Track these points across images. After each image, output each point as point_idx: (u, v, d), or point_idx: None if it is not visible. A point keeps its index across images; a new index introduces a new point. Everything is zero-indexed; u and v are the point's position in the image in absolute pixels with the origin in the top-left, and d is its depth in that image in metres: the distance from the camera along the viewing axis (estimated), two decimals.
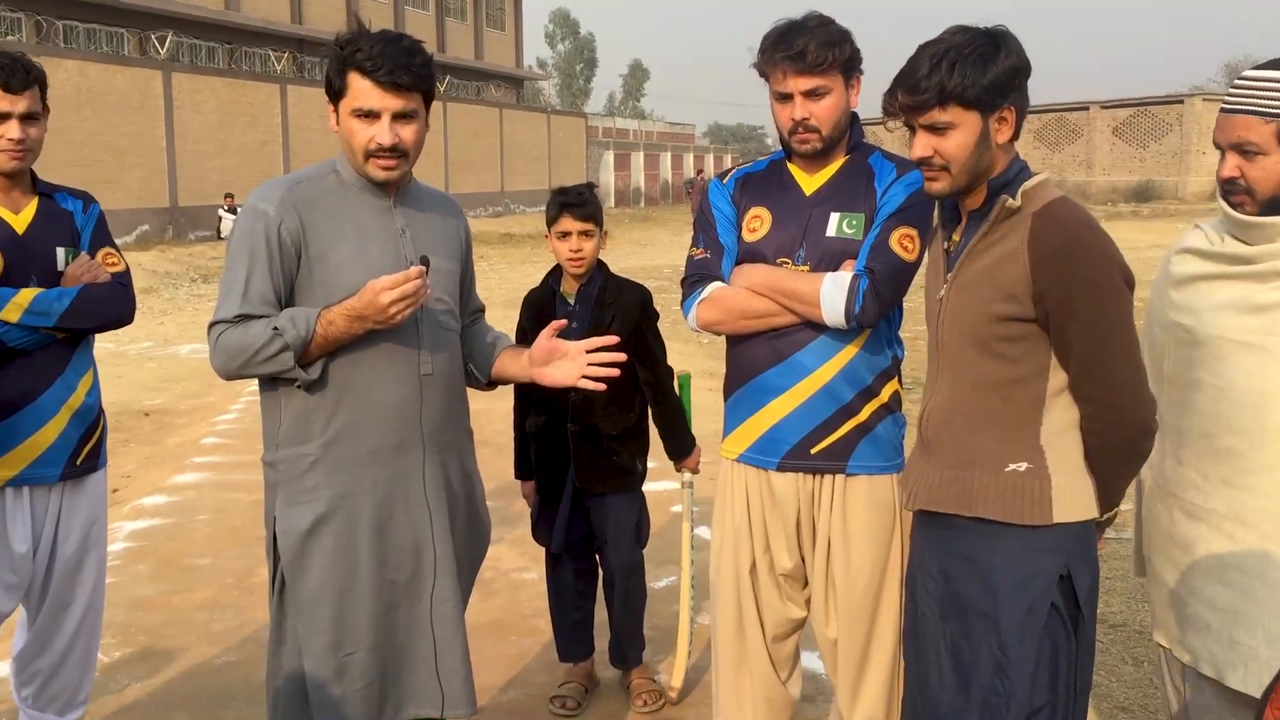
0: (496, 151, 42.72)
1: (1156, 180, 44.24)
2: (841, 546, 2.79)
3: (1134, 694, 3.89)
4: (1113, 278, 2.19)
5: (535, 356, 2.76)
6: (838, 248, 2.72)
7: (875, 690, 2.84)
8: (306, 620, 2.54)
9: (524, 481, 3.99)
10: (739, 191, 2.89)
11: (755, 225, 2.82)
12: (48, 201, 3.18)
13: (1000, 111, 2.21)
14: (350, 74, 2.48)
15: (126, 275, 3.25)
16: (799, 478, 2.80)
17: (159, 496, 6.64)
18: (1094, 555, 2.33)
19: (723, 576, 2.94)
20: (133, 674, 4.21)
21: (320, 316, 2.43)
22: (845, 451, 2.76)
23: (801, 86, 2.67)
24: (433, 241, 2.66)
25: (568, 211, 3.65)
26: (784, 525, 2.84)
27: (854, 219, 2.74)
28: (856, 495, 2.78)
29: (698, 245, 2.89)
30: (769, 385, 2.78)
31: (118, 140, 25.71)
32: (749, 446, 2.84)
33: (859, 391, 2.75)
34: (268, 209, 2.49)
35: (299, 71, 35.27)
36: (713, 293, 2.79)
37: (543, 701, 3.92)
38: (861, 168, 2.80)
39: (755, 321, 2.75)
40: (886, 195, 2.74)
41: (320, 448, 2.53)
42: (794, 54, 2.64)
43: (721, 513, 2.96)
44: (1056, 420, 2.26)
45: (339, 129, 2.54)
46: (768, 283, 2.72)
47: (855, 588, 2.80)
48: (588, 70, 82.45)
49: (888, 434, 2.81)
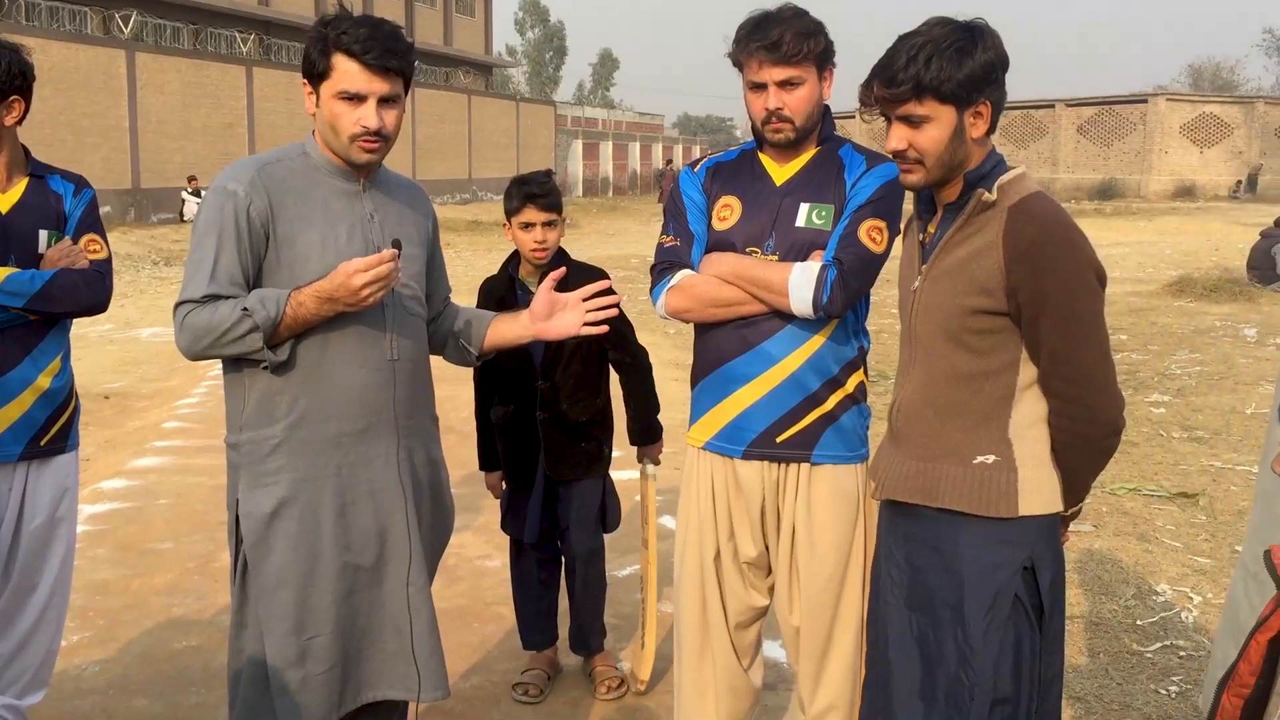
0: (464, 138, 42.52)
1: (1119, 178, 44.67)
2: (806, 535, 2.82)
3: (1089, 685, 3.94)
4: (1085, 274, 2.20)
5: (537, 311, 2.76)
6: (807, 238, 2.74)
7: (837, 678, 2.86)
8: (268, 604, 2.53)
9: (488, 473, 3.99)
10: (710, 180, 2.90)
11: (725, 214, 2.83)
12: (38, 183, 3.17)
13: (976, 106, 2.22)
14: (336, 56, 2.45)
15: (107, 264, 3.24)
16: (764, 466, 2.82)
17: (119, 480, 6.57)
18: (1059, 548, 2.36)
19: (687, 564, 2.96)
20: (91, 658, 4.17)
21: (290, 298, 2.42)
22: (810, 441, 2.78)
23: (776, 77, 2.69)
24: (401, 227, 2.65)
25: (532, 203, 3.64)
26: (748, 513, 2.86)
27: (824, 210, 2.75)
28: (821, 484, 2.80)
29: (667, 233, 2.90)
30: (736, 374, 2.79)
31: (79, 120, 25.36)
32: (715, 434, 2.86)
33: (825, 381, 2.77)
34: (237, 189, 2.47)
35: (265, 54, 34.93)
36: (681, 280, 2.80)
37: (505, 689, 3.92)
38: (832, 159, 2.81)
39: (723, 310, 2.76)
40: (856, 187, 2.75)
41: (284, 430, 2.52)
42: (769, 44, 2.65)
43: (686, 500, 2.97)
44: (1025, 414, 2.28)
45: (318, 111, 2.52)
46: (736, 271, 2.73)
47: (819, 577, 2.82)
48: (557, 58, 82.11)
49: (853, 424, 2.83)
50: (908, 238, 2.50)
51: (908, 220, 2.53)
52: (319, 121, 2.54)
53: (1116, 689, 3.92)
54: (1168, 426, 7.73)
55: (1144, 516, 5.80)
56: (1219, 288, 14.55)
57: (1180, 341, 11.29)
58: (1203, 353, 10.61)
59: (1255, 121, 45.17)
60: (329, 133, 2.53)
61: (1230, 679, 1.84)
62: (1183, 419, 7.95)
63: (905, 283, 2.43)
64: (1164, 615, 4.54)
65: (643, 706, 3.83)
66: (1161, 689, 3.91)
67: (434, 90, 40.62)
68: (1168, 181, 44.16)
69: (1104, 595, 4.75)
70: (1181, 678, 3.99)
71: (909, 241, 2.48)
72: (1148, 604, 4.66)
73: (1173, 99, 45.55)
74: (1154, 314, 13.20)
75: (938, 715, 2.29)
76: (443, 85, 43.21)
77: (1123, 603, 4.67)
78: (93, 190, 3.31)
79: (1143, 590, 4.80)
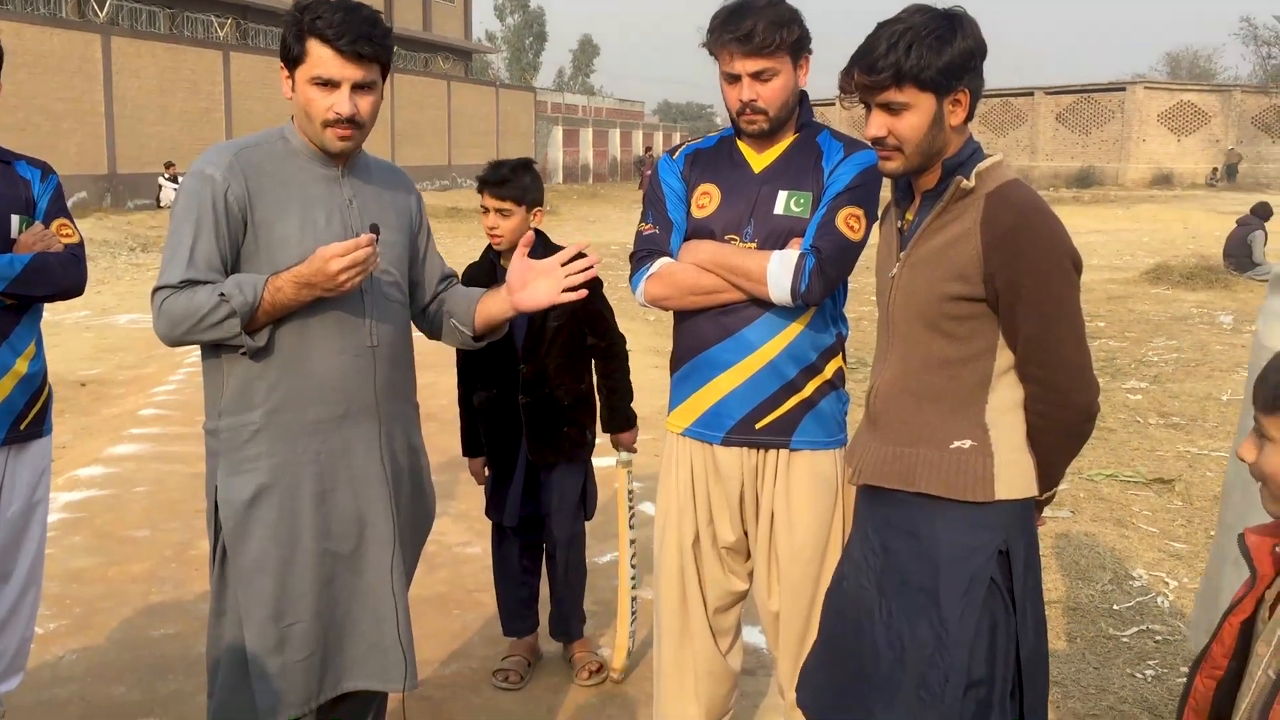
0: (444, 124, 42.33)
1: (1097, 166, 44.90)
2: (785, 520, 2.83)
3: (1066, 669, 3.97)
4: (1061, 261, 2.22)
5: (512, 284, 2.69)
6: (785, 225, 2.74)
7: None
8: (247, 590, 2.52)
9: (471, 459, 3.98)
10: (689, 167, 2.90)
11: (704, 201, 2.83)
12: (5, 169, 3.17)
13: (955, 94, 2.22)
14: (310, 41, 2.44)
15: (80, 248, 3.25)
16: (743, 452, 2.83)
17: (95, 468, 6.53)
18: (1033, 533, 2.38)
19: (666, 549, 2.97)
20: (68, 646, 4.15)
21: (268, 283, 2.40)
22: (789, 427, 2.79)
23: (749, 68, 2.68)
24: (381, 213, 2.63)
25: (485, 189, 3.68)
26: (727, 499, 2.87)
27: (802, 197, 2.75)
28: (800, 470, 2.82)
29: (647, 220, 2.90)
30: (715, 360, 2.80)
31: (54, 105, 25.12)
32: (694, 420, 2.86)
33: (804, 368, 2.78)
34: (214, 174, 2.45)
35: (242, 39, 34.64)
36: (661, 268, 2.80)
37: (485, 675, 3.92)
38: (810, 146, 2.81)
39: (703, 298, 2.77)
40: (834, 174, 2.75)
41: (263, 416, 2.50)
42: (742, 35, 2.64)
43: (665, 486, 2.98)
44: (1001, 399, 2.29)
45: (294, 96, 2.50)
46: (715, 259, 2.73)
47: (798, 561, 2.83)
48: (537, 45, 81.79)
49: (831, 410, 2.85)
50: (886, 224, 2.51)
51: (886, 207, 2.53)
52: (294, 107, 2.52)
53: (1093, 673, 3.95)
54: (1144, 413, 7.78)
55: (1121, 502, 5.85)
56: (1195, 275, 14.66)
57: (1157, 328, 11.37)
58: (1179, 340, 10.68)
59: (1232, 110, 45.45)
60: (304, 118, 2.51)
61: (1203, 661, 1.85)
62: (1159, 405, 8.01)
63: (883, 269, 2.44)
64: (1140, 600, 4.58)
65: (622, 693, 3.84)
66: (1138, 673, 3.95)
67: (413, 76, 40.42)
68: (1145, 169, 44.39)
69: (1081, 580, 4.79)
70: (1157, 662, 4.03)
71: (887, 228, 2.49)
72: (1124, 589, 4.70)
73: (1151, 87, 45.77)
74: (1131, 301, 13.29)
75: (913, 699, 2.31)
76: (422, 71, 42.96)
77: (1099, 587, 4.71)
78: (57, 176, 3.31)
79: (1119, 575, 4.84)
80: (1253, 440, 1.77)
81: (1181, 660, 4.03)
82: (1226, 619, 1.82)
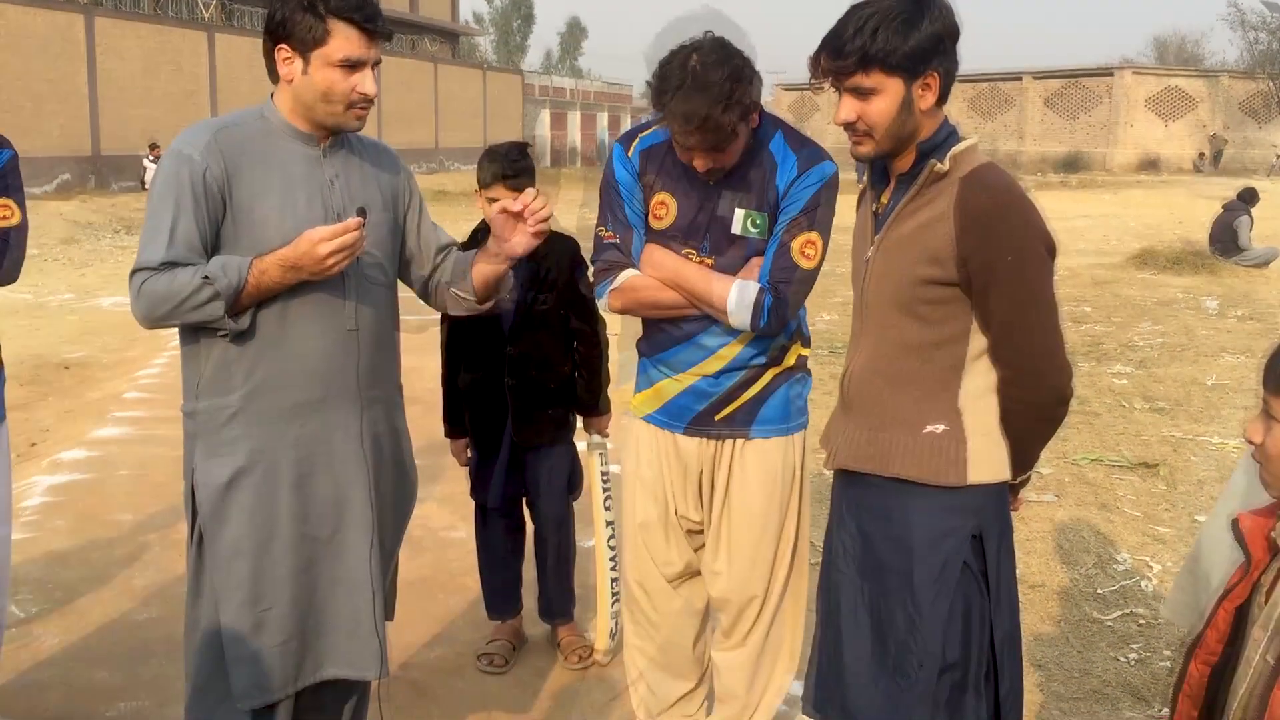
0: (431, 107, 42.13)
1: (1085, 151, 44.95)
2: (741, 504, 2.88)
3: (1050, 652, 3.98)
4: (1035, 245, 2.22)
5: (501, 235, 2.62)
6: (742, 245, 2.76)
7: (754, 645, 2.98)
8: (224, 574, 2.50)
9: (454, 440, 3.96)
10: (644, 165, 2.85)
11: (661, 213, 2.83)
12: None
13: (924, 78, 2.21)
14: (333, 22, 2.40)
15: (18, 232, 3.09)
16: (702, 441, 2.88)
17: (78, 451, 6.50)
18: (1007, 517, 2.39)
19: (629, 528, 3.03)
20: (50, 629, 4.13)
21: (252, 265, 2.37)
22: (748, 418, 2.85)
23: (704, 145, 2.61)
24: (365, 193, 2.60)
25: (500, 182, 3.59)
26: (687, 481, 2.93)
27: (758, 218, 2.75)
28: (756, 455, 2.87)
29: (605, 226, 2.87)
30: (677, 361, 2.86)
31: (37, 85, 24.94)
32: (656, 409, 2.93)
33: (763, 364, 2.84)
34: (193, 154, 2.41)
35: (227, 20, 34.39)
36: (624, 283, 2.82)
37: (470, 659, 3.92)
38: (763, 156, 2.76)
39: (664, 311, 2.83)
40: (790, 194, 2.73)
41: (241, 399, 2.48)
42: (684, 115, 2.56)
43: (628, 466, 3.03)
44: (975, 383, 2.29)
45: (303, 79, 2.45)
46: (677, 279, 2.76)
47: (748, 545, 2.89)
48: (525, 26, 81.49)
49: (791, 396, 2.90)
50: (861, 208, 2.50)
51: (861, 191, 2.53)
52: (302, 89, 2.46)
53: (1076, 656, 3.96)
54: (1129, 397, 7.81)
55: (1105, 486, 5.86)
56: (1181, 260, 14.68)
57: (1143, 313, 11.39)
58: (1165, 324, 10.71)
59: (1219, 95, 45.55)
60: (318, 101, 2.46)
61: (1197, 646, 1.85)
62: (1144, 389, 8.03)
63: (858, 253, 2.44)
64: (1124, 584, 4.59)
65: (606, 675, 3.84)
66: (1121, 656, 3.96)
67: (400, 58, 40.18)
68: (1132, 154, 44.48)
69: (1065, 564, 4.80)
70: (1140, 645, 4.05)
71: (862, 212, 2.49)
72: (1108, 572, 4.72)
73: (1139, 72, 45.86)
74: (1117, 286, 13.31)
75: (887, 683, 2.32)
76: (409, 53, 42.74)
77: (1083, 571, 4.72)
78: (13, 150, 3.15)
79: (1103, 559, 4.86)
80: (1260, 421, 1.77)
81: (1164, 644, 4.05)
82: (1220, 604, 1.82)
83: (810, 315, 3.01)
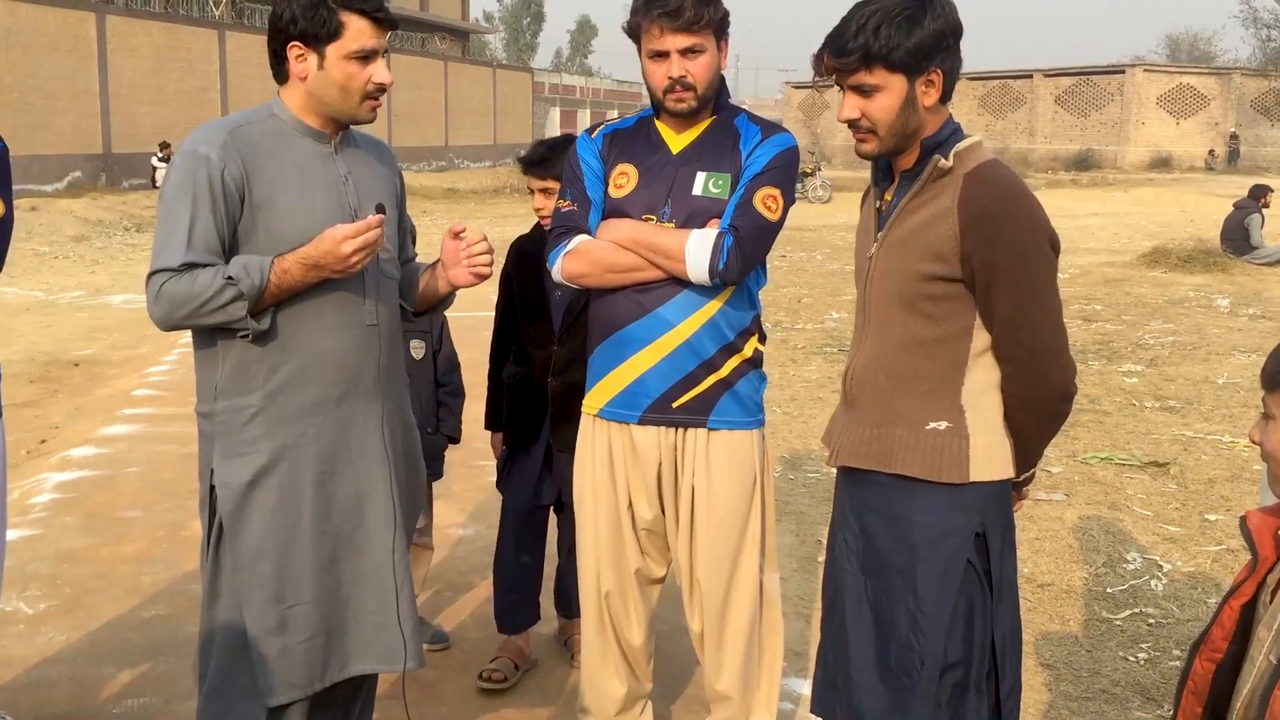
0: (441, 105, 42.18)
1: (1096, 149, 44.81)
2: (705, 501, 2.85)
3: (1059, 652, 3.97)
4: (1039, 242, 2.21)
5: (446, 261, 2.71)
6: (703, 206, 2.75)
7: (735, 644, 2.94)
8: (247, 574, 2.50)
9: (494, 432, 3.94)
10: (607, 146, 2.89)
11: (621, 181, 2.83)
12: None
13: (927, 75, 2.21)
14: (346, 15, 2.42)
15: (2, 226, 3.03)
16: (660, 431, 2.84)
17: (88, 448, 6.51)
18: (1009, 515, 2.38)
19: (584, 531, 2.99)
20: (59, 627, 4.14)
21: (274, 265, 2.37)
22: (707, 406, 2.81)
23: (678, 44, 2.67)
24: (375, 189, 2.62)
25: (528, 171, 3.64)
26: (645, 479, 2.88)
27: (720, 179, 2.77)
28: (719, 451, 2.84)
29: (565, 198, 2.89)
30: (631, 339, 2.80)
31: (49, 84, 25.01)
32: (610, 400, 2.86)
33: (721, 347, 2.80)
34: (210, 153, 2.40)
35: (238, 18, 34.47)
36: (579, 245, 2.80)
37: (478, 658, 3.91)
38: (728, 129, 2.82)
39: (620, 275, 2.77)
40: (752, 156, 2.76)
41: (262, 399, 2.48)
42: (670, 11, 2.64)
43: (582, 468, 2.98)
44: (978, 380, 2.29)
45: (319, 74, 2.46)
46: (634, 237, 2.74)
47: (716, 540, 2.86)
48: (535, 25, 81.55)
49: (749, 390, 2.87)
50: (865, 205, 2.50)
51: (865, 188, 2.52)
52: (319, 84, 2.47)
53: (1086, 656, 3.95)
54: (1140, 396, 7.78)
55: (1115, 485, 5.84)
56: (1193, 258, 14.62)
57: (1154, 312, 11.35)
58: (1176, 323, 10.67)
59: (1232, 93, 45.36)
60: (335, 95, 2.47)
61: (1203, 643, 1.85)
62: (1155, 388, 8.00)
63: (862, 250, 2.44)
64: (1134, 583, 4.58)
65: None
66: (1130, 656, 3.95)
67: (410, 56, 40.25)
68: (1144, 152, 44.32)
69: (1075, 563, 4.79)
70: (1150, 645, 4.03)
71: (866, 208, 2.48)
72: (1118, 572, 4.70)
73: (1150, 70, 45.67)
74: (1129, 284, 13.27)
75: (890, 682, 2.31)
76: (419, 51, 42.79)
77: (1093, 570, 4.70)
78: (2, 144, 3.15)
79: (1113, 558, 4.84)
80: (1260, 421, 1.77)
81: (1174, 644, 4.03)
82: (1227, 602, 1.82)
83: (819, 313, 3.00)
